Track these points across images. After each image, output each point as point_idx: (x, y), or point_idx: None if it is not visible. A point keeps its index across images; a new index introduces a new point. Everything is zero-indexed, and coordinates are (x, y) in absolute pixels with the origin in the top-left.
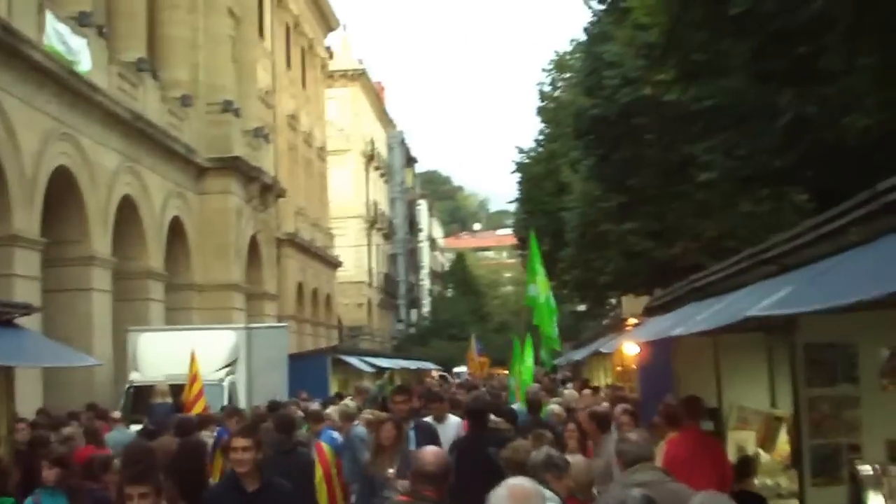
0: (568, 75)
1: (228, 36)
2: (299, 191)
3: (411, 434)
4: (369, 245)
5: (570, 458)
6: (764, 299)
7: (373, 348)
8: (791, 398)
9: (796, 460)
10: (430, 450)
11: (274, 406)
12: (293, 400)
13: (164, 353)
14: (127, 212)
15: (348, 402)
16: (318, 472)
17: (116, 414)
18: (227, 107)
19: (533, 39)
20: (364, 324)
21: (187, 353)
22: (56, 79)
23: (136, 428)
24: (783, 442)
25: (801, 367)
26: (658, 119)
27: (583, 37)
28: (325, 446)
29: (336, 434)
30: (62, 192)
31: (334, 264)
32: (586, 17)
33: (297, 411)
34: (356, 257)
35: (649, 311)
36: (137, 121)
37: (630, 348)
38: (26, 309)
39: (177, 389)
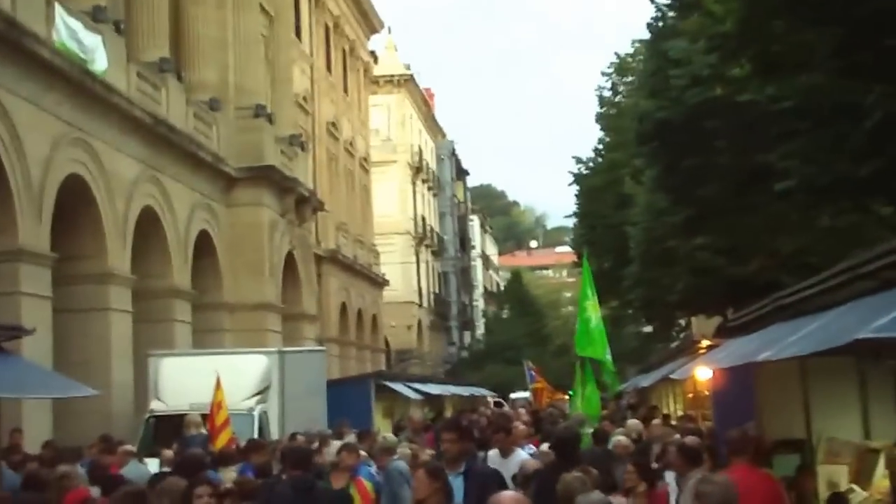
0: (630, 79)
1: (261, 35)
2: (340, 204)
3: (458, 483)
4: (418, 263)
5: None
6: (866, 318)
7: (423, 373)
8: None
9: None
10: (507, 497)
11: (291, 438)
12: (325, 432)
13: (189, 380)
14: (148, 225)
15: (386, 434)
16: None
17: (128, 447)
18: (260, 112)
19: (593, 42)
20: (413, 347)
21: (213, 379)
22: (67, 79)
23: (153, 462)
24: (881, 476)
25: None
26: (730, 123)
27: (646, 35)
28: (366, 482)
29: (373, 470)
30: (75, 203)
31: (380, 283)
32: (649, 14)
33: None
34: (404, 276)
35: (726, 332)
36: (159, 125)
37: (703, 373)
38: (15, 331)
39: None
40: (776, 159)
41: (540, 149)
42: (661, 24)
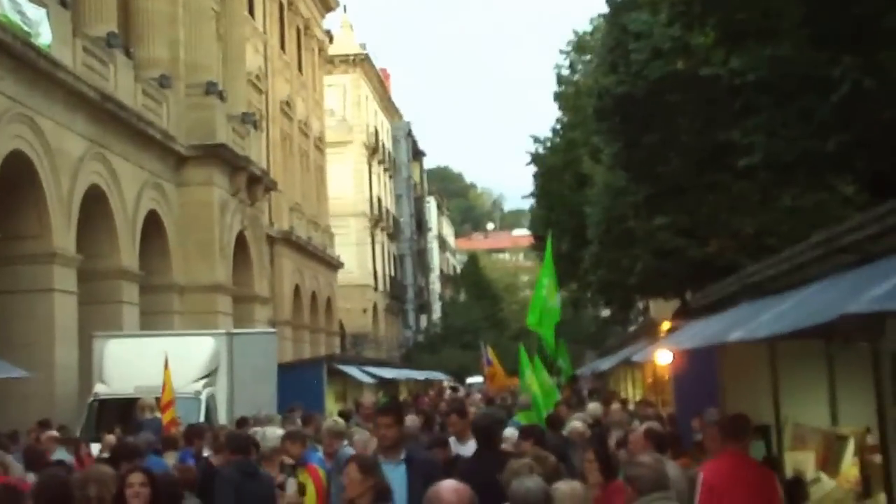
0: (588, 57)
1: (212, 10)
2: (295, 185)
3: (400, 472)
4: (373, 245)
5: (562, 484)
6: (847, 294)
7: (378, 357)
8: (875, 415)
9: (868, 486)
10: (446, 487)
11: (242, 423)
12: (283, 415)
13: (134, 362)
14: (95, 204)
15: (336, 418)
16: (312, 499)
17: (54, 433)
18: (211, 89)
19: (550, 23)
20: (369, 330)
21: (160, 362)
22: (10, 52)
23: (95, 448)
24: (849, 464)
25: (887, 380)
26: (692, 97)
27: (604, 10)
28: (318, 469)
29: (320, 455)
30: (17, 181)
31: (335, 265)
32: None
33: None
34: (359, 258)
35: (688, 314)
36: (107, 102)
37: (663, 357)
38: None
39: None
40: (739, 135)
41: (498, 131)
42: None
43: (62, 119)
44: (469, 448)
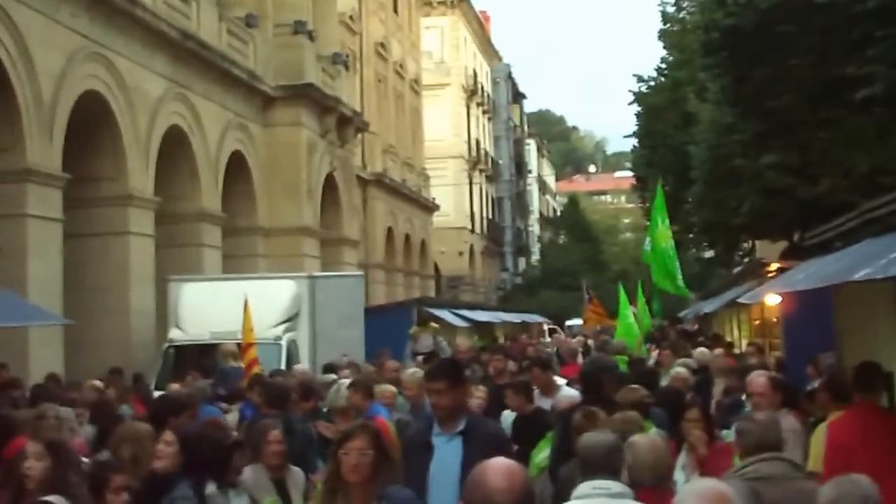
0: None
1: None
2: (389, 127)
3: (454, 446)
4: (471, 187)
5: (640, 437)
6: None
7: (475, 300)
8: None
9: None
10: (495, 468)
11: (329, 369)
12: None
13: (210, 307)
14: (175, 145)
15: (416, 368)
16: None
17: (96, 382)
18: (300, 28)
19: None
20: (465, 274)
21: (237, 307)
22: None
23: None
24: None
25: None
26: (806, 28)
27: None
28: (389, 423)
29: (386, 411)
30: (94, 122)
31: (430, 208)
32: None
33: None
34: (456, 201)
35: (799, 253)
36: (188, 41)
37: (772, 299)
38: None
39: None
40: (856, 68)
41: (601, 73)
42: None
43: (140, 58)
44: (557, 402)
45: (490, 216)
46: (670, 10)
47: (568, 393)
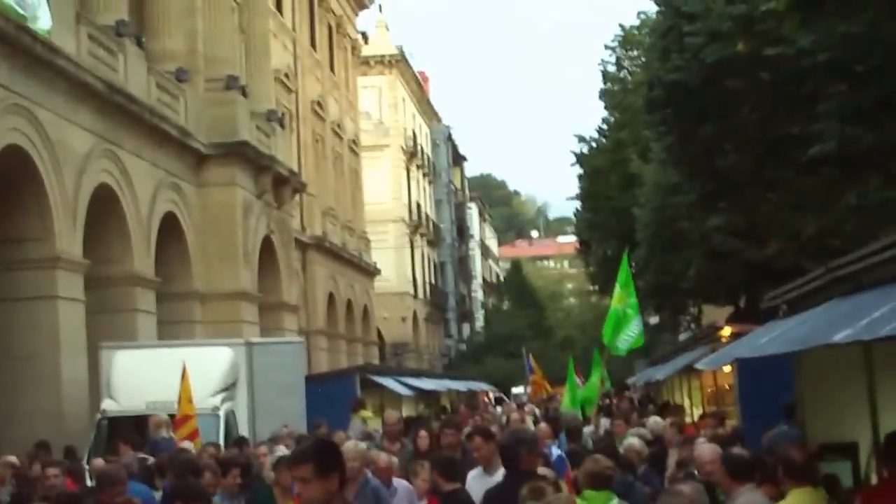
0: (635, 53)
1: (234, 2)
2: (328, 189)
3: None
4: (412, 252)
5: None
6: None
7: (420, 367)
8: None
9: None
10: None
11: (240, 442)
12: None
13: (145, 375)
14: (104, 205)
15: (355, 440)
16: None
17: (11, 458)
18: (232, 83)
19: (595, 24)
20: (409, 340)
21: (173, 375)
22: (3, 37)
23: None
24: None
25: None
26: (754, 83)
27: (652, 7)
28: None
29: None
30: (16, 179)
31: (371, 273)
32: None
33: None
34: (397, 265)
35: (744, 318)
36: (115, 94)
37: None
38: None
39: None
40: (807, 123)
41: (542, 137)
42: None
43: (64, 111)
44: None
45: (432, 281)
46: (611, 69)
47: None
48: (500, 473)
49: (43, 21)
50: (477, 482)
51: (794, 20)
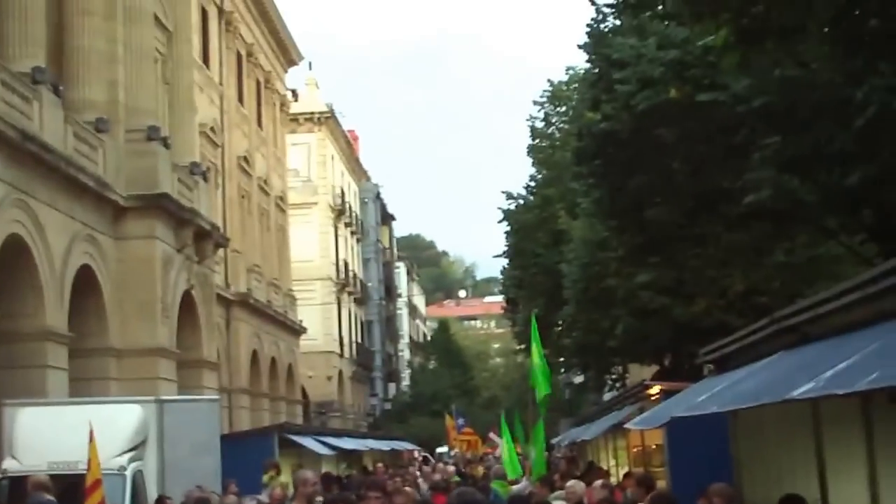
0: (563, 108)
1: (156, 51)
2: (254, 246)
3: None
4: (339, 310)
5: None
6: None
7: (344, 426)
8: None
9: None
10: None
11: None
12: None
13: (48, 434)
14: (15, 257)
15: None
16: None
17: None
18: (153, 134)
19: (527, 87)
20: (334, 399)
21: (78, 434)
22: None
23: None
24: None
25: None
26: (686, 132)
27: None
28: None
29: None
30: None
31: (297, 331)
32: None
33: None
34: (324, 324)
35: (670, 377)
36: (28, 142)
37: (657, 423)
38: None
39: (62, 481)
40: (741, 172)
41: (471, 198)
42: (603, 25)
43: None
44: None
45: (359, 340)
46: (539, 125)
47: None
48: None
49: None
50: None
51: (733, 56)
